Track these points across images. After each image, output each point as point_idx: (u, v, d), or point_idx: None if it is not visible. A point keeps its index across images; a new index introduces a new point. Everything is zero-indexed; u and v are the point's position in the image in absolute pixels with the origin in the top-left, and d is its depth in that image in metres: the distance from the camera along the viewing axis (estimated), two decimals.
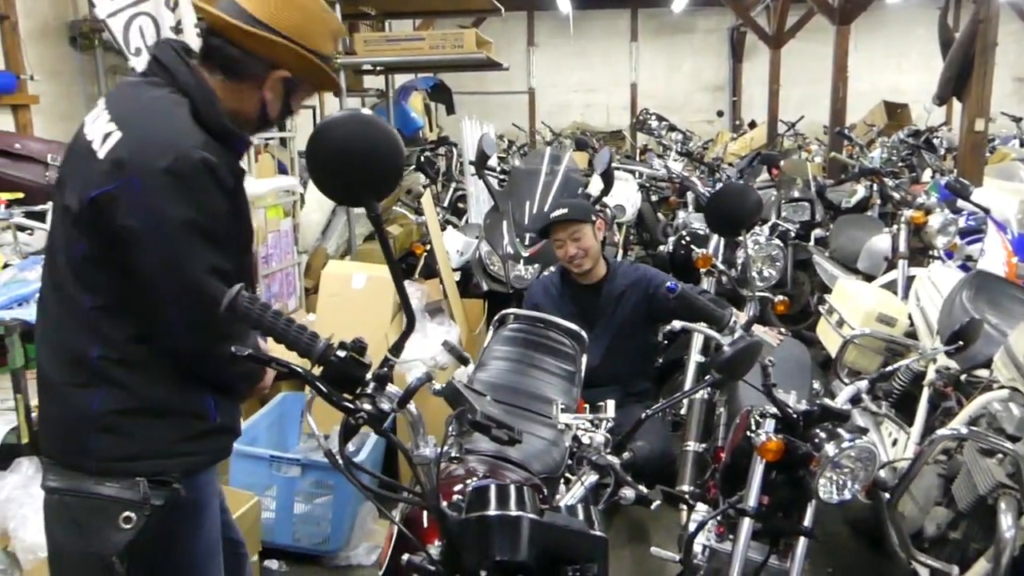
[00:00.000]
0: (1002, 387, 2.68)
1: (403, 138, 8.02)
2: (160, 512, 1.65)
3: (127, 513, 1.62)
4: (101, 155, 1.58)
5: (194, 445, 1.71)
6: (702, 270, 4.17)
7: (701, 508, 2.62)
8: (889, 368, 2.66)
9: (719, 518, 2.43)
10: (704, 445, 3.26)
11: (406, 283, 4.15)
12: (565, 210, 3.52)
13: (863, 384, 2.40)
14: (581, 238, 3.48)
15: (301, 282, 4.87)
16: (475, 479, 1.96)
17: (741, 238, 2.97)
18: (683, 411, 3.57)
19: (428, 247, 4.92)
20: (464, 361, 1.85)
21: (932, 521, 2.58)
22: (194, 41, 1.76)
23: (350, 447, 3.40)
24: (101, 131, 1.61)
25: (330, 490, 3.26)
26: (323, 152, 1.41)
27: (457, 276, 4.90)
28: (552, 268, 3.84)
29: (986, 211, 4.28)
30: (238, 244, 1.75)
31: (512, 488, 1.62)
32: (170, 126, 1.60)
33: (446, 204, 7.20)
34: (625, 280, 3.57)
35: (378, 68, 6.55)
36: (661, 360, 4.03)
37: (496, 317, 3.32)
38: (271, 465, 3.22)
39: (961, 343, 2.51)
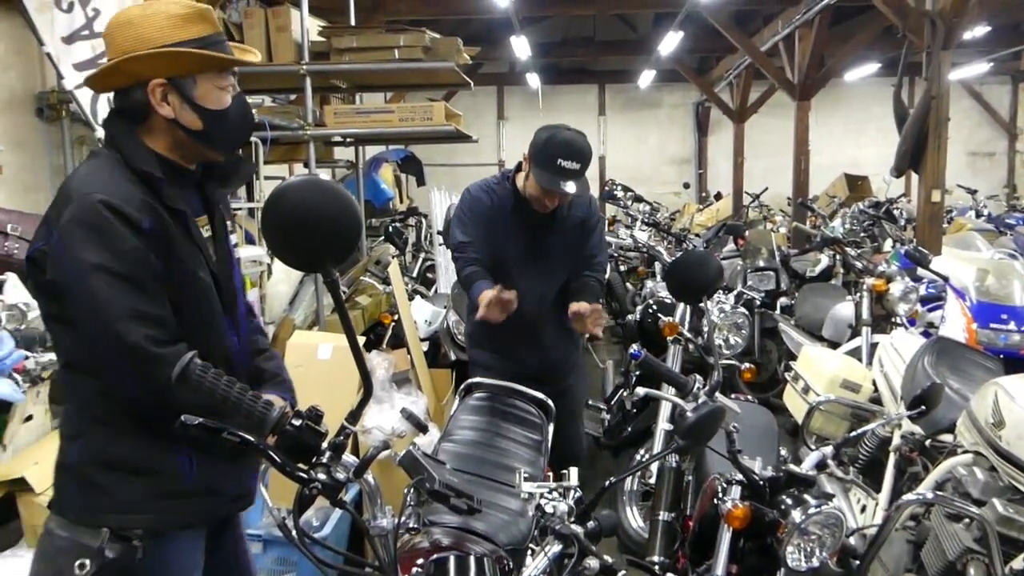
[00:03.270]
0: (966, 451, 2.70)
1: (373, 209, 8.00)
2: (115, 566, 1.64)
3: (82, 560, 1.63)
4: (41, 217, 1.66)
5: (163, 504, 1.70)
6: (669, 338, 4.18)
7: None
8: (854, 434, 2.66)
9: None
10: (674, 514, 3.22)
11: (374, 353, 4.15)
12: (578, 167, 2.98)
13: (828, 450, 2.39)
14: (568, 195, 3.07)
15: None
16: (439, 552, 1.91)
17: (703, 304, 2.99)
18: (653, 480, 3.53)
19: (396, 317, 4.91)
20: (423, 429, 1.82)
21: None
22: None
23: (315, 521, 3.30)
24: None
25: (293, 567, 3.16)
26: (278, 218, 1.40)
27: (425, 346, 4.87)
28: (497, 176, 3.37)
29: (945, 279, 4.36)
30: (179, 280, 1.70)
31: (472, 560, 1.59)
32: (81, 178, 1.65)
33: (415, 274, 7.22)
34: (579, 212, 3.26)
35: (348, 140, 6.62)
36: (631, 428, 4.00)
37: (462, 386, 3.28)
38: None
39: (924, 408, 2.52)
